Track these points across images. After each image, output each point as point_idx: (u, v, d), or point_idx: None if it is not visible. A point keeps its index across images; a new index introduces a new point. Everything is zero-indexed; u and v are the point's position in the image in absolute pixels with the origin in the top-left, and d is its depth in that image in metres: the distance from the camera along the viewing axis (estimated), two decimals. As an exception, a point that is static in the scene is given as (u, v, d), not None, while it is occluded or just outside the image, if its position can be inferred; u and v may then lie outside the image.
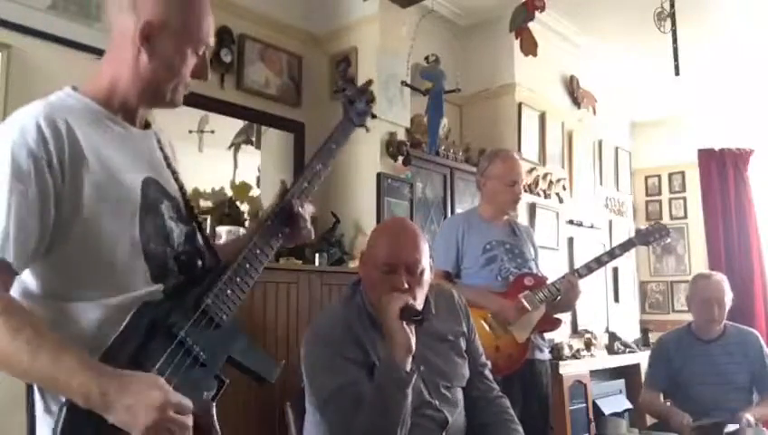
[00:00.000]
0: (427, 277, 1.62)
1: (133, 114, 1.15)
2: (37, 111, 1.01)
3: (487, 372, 1.82)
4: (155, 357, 0.97)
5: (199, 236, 1.20)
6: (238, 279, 1.11)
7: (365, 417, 1.45)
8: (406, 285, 1.53)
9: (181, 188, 1.20)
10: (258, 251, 1.17)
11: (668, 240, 2.72)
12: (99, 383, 0.87)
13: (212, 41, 1.19)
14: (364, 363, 1.54)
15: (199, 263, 1.15)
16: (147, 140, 1.19)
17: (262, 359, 1.16)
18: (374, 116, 1.54)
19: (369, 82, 1.56)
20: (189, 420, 0.92)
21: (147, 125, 1.21)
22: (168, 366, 0.98)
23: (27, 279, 1.01)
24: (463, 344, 1.75)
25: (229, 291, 1.09)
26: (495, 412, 1.74)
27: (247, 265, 1.14)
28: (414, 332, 1.49)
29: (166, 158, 1.21)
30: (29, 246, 0.95)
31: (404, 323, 1.46)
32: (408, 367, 1.47)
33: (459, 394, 1.69)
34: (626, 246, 2.66)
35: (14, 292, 0.98)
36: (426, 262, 1.61)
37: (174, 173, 1.20)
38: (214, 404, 1.07)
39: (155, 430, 0.87)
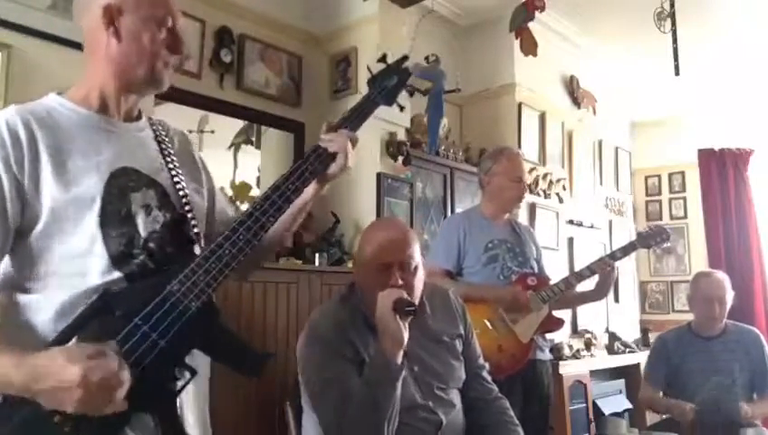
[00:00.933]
0: (421, 274, 1.63)
1: (117, 106, 1.16)
2: (2, 115, 1.06)
3: (485, 374, 1.81)
4: (109, 340, 0.95)
5: (190, 225, 1.16)
6: (210, 264, 1.04)
7: (354, 410, 1.45)
8: (400, 281, 1.53)
9: (174, 177, 1.18)
10: (240, 235, 1.08)
11: (668, 244, 2.73)
12: (17, 374, 0.88)
13: (178, 14, 1.18)
14: (354, 361, 1.54)
15: (173, 249, 1.11)
16: (134, 131, 1.19)
17: (240, 351, 1.09)
18: (411, 93, 1.45)
19: (405, 58, 1.46)
20: (123, 378, 0.89)
21: (138, 118, 1.22)
22: (121, 348, 0.95)
23: None
24: (459, 346, 1.74)
25: (199, 277, 1.03)
26: (495, 413, 1.74)
27: (225, 250, 1.06)
28: (407, 327, 1.48)
29: (162, 148, 1.21)
30: None
31: (397, 316, 1.46)
32: (399, 361, 1.46)
33: (455, 395, 1.68)
34: (627, 250, 2.67)
35: None
36: (418, 258, 1.61)
37: (167, 162, 1.19)
38: (177, 398, 1.05)
39: (86, 404, 0.87)
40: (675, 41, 3.16)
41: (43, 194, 1.03)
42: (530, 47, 3.70)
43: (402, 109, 1.46)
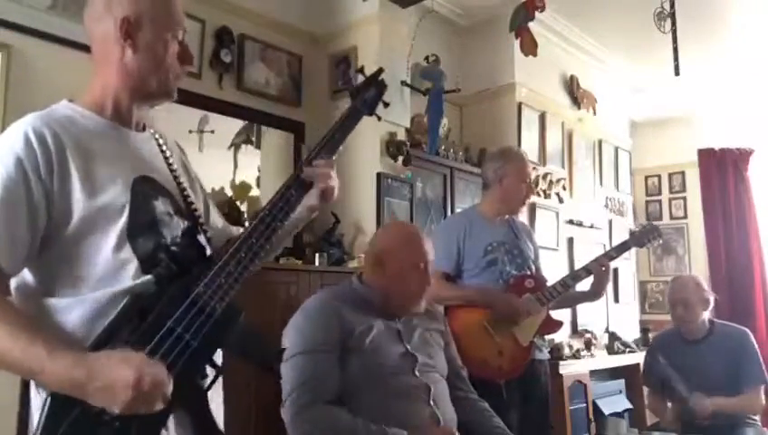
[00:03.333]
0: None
1: (129, 116, 1.19)
2: (26, 122, 1.06)
3: (465, 375, 2.01)
4: (144, 344, 0.99)
5: (202, 231, 1.22)
6: (230, 268, 1.10)
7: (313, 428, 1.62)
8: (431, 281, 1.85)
9: (179, 184, 1.23)
10: (254, 240, 1.15)
11: (661, 241, 2.75)
12: (70, 372, 0.92)
13: (185, 25, 1.22)
14: (337, 344, 1.69)
15: (194, 254, 1.15)
16: (145, 141, 1.23)
17: (261, 345, 1.15)
18: (386, 104, 1.50)
19: (380, 71, 1.54)
20: (168, 388, 0.95)
21: (144, 128, 1.26)
22: (157, 352, 1.00)
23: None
24: (441, 341, 1.95)
25: (222, 280, 1.09)
26: (478, 410, 1.94)
27: (242, 254, 1.13)
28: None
29: (166, 158, 1.25)
30: (20, 252, 1.01)
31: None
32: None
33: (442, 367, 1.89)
34: (621, 249, 2.68)
35: None
36: None
37: (173, 172, 1.24)
38: (207, 393, 1.09)
39: (133, 406, 0.91)
40: (675, 41, 3.16)
41: (73, 201, 1.05)
42: (530, 47, 3.70)
43: (380, 119, 1.54)
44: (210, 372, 1.10)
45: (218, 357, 1.12)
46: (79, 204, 1.05)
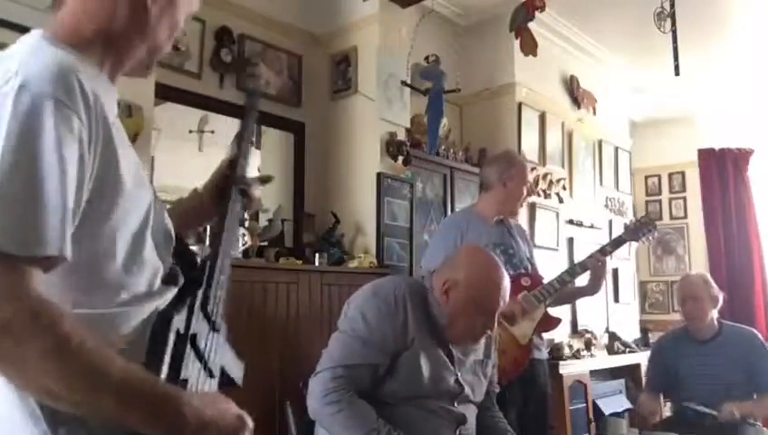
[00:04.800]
0: None
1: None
2: (68, 66, 0.80)
3: (494, 394, 1.97)
4: (185, 371, 0.83)
5: None
6: (222, 278, 0.98)
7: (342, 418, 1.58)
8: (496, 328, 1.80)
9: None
10: (230, 247, 1.04)
11: (656, 234, 2.77)
12: (203, 412, 0.79)
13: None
14: (392, 348, 1.65)
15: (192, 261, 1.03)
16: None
17: (234, 360, 1.04)
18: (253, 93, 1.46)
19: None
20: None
21: None
22: (195, 380, 0.87)
23: None
24: (489, 369, 1.90)
25: (219, 292, 0.97)
26: (488, 418, 1.91)
27: (226, 262, 1.00)
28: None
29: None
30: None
31: None
32: None
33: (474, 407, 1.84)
34: (616, 243, 2.70)
35: None
36: None
37: None
38: None
39: None
40: (675, 41, 3.16)
41: (111, 182, 0.83)
42: (530, 47, 3.70)
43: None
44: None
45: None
46: (117, 184, 0.84)
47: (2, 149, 0.71)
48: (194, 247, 1.15)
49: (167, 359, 0.80)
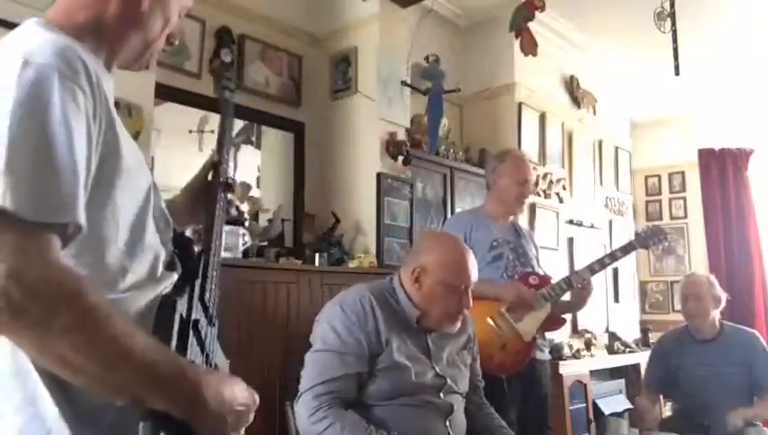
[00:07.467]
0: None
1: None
2: (68, 44, 0.80)
3: (481, 386, 1.98)
4: (191, 353, 0.85)
5: None
6: (215, 271, 1.00)
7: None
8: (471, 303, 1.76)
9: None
10: (221, 244, 1.07)
11: (666, 244, 2.78)
12: (218, 387, 0.79)
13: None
14: (367, 350, 1.66)
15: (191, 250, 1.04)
16: None
17: (222, 359, 1.04)
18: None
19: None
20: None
21: None
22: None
23: None
24: (468, 358, 1.90)
25: (214, 285, 0.98)
26: (486, 415, 1.94)
27: (217, 258, 1.02)
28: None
29: None
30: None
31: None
32: None
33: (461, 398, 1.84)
34: (627, 249, 2.71)
35: None
36: None
37: None
38: None
39: (241, 422, 0.85)
40: (675, 41, 3.16)
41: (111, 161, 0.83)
42: (530, 47, 3.70)
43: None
44: None
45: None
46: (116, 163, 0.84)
47: (10, 119, 0.70)
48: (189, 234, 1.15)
49: (173, 341, 0.80)
